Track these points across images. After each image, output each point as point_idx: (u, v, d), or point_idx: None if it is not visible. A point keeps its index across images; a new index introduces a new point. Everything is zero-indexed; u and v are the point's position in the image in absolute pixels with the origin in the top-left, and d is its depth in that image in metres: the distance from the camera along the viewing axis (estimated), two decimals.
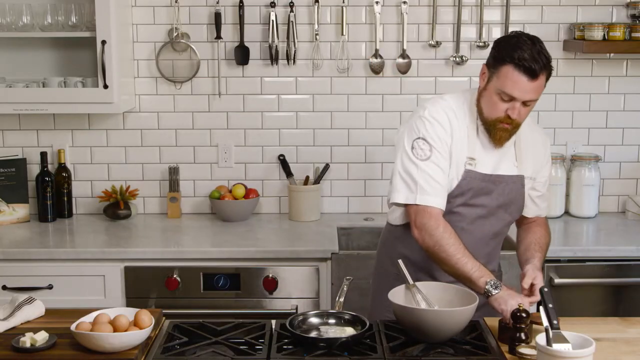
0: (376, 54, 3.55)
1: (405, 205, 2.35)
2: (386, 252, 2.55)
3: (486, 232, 2.41)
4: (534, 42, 2.21)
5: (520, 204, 2.44)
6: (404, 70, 3.56)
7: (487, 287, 2.18)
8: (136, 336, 2.00)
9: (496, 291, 2.17)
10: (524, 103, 2.23)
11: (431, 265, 2.39)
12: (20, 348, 2.00)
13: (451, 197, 2.34)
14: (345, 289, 2.30)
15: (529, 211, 2.51)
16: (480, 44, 3.55)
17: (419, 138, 2.31)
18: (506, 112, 2.24)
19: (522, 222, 2.55)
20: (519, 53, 2.18)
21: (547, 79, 2.25)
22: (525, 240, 2.49)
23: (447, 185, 2.32)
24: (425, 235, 2.28)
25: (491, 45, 2.33)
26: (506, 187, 2.37)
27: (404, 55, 3.55)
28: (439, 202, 2.29)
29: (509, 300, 2.14)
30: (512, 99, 2.21)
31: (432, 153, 2.29)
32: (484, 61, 3.56)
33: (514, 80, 2.19)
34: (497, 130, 2.28)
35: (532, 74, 2.18)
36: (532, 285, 2.25)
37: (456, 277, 2.27)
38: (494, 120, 2.27)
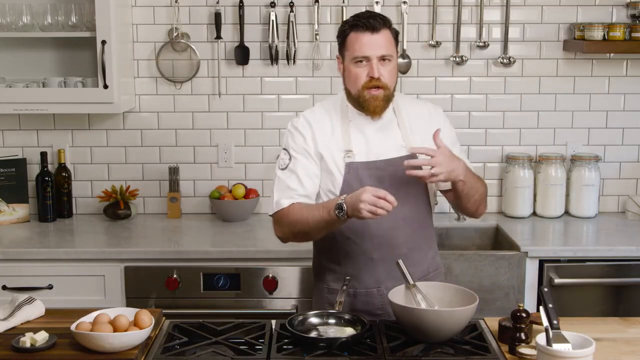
0: None
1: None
2: (314, 268, 2.57)
3: (394, 219, 2.31)
4: (368, 12, 2.38)
5: (421, 183, 2.38)
6: (404, 70, 3.56)
7: (338, 217, 2.18)
8: (136, 336, 2.00)
9: (344, 209, 2.16)
10: (382, 61, 2.29)
11: (358, 271, 2.38)
12: (20, 348, 2.00)
13: (344, 193, 2.31)
14: (345, 288, 2.31)
15: (448, 186, 2.43)
16: (480, 44, 3.55)
17: (282, 149, 2.44)
18: (367, 75, 2.30)
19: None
20: (354, 20, 2.33)
21: (396, 38, 2.36)
22: None
23: (309, 187, 2.36)
24: (281, 227, 2.36)
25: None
26: (397, 169, 2.34)
27: (404, 55, 3.55)
28: (291, 202, 2.35)
29: (357, 205, 2.12)
30: (365, 58, 2.29)
31: (290, 161, 2.39)
32: (482, 61, 3.57)
33: (359, 40, 2.29)
34: (368, 100, 2.32)
35: (372, 28, 2.29)
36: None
37: (325, 231, 2.30)
38: (361, 89, 2.31)
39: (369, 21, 2.28)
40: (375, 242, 2.36)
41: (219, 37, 3.53)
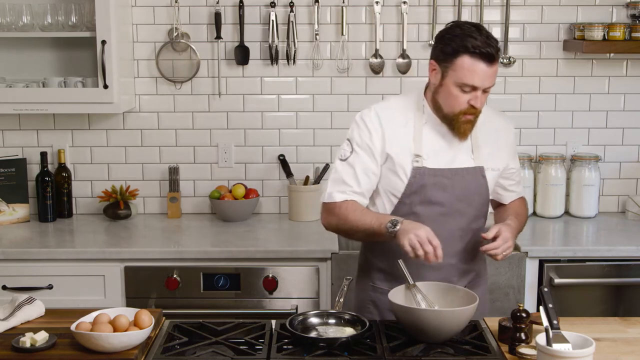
0: (376, 54, 3.55)
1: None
2: (361, 262, 2.55)
3: (450, 229, 2.33)
4: (479, 29, 2.22)
5: (484, 196, 2.40)
6: (404, 70, 3.56)
7: (387, 230, 2.18)
8: (136, 336, 2.00)
9: (397, 227, 2.16)
10: (484, 90, 2.24)
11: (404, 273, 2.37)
12: (20, 348, 2.00)
13: (406, 196, 2.32)
14: (345, 289, 2.31)
15: (506, 199, 2.52)
16: None
17: (346, 139, 2.38)
18: (469, 102, 2.23)
19: (499, 205, 2.57)
20: (471, 42, 2.18)
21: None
22: (500, 212, 2.53)
23: (365, 185, 2.34)
24: (329, 217, 2.36)
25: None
26: (462, 180, 2.34)
27: (404, 55, 3.55)
28: (345, 198, 2.33)
29: (409, 233, 2.13)
30: (473, 88, 2.21)
31: (350, 155, 2.34)
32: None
33: (473, 69, 2.18)
34: (461, 124, 2.27)
35: (490, 59, 2.19)
36: (495, 237, 2.24)
37: (368, 238, 2.33)
38: (457, 113, 2.26)
39: (488, 51, 2.16)
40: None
41: (219, 37, 3.53)
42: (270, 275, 3.06)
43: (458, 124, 2.27)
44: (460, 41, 2.19)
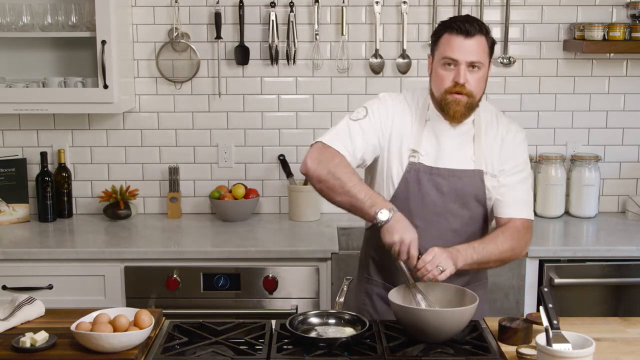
0: (376, 54, 3.55)
1: (311, 146, 2.33)
2: (361, 254, 2.57)
3: (443, 229, 2.34)
4: (468, 15, 2.37)
5: (481, 200, 2.38)
6: (404, 70, 3.56)
7: (376, 216, 2.16)
8: (136, 336, 2.00)
9: (386, 220, 2.15)
10: (470, 67, 2.25)
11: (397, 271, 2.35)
12: (20, 348, 2.00)
13: (401, 190, 2.33)
14: (345, 289, 2.31)
15: (499, 211, 2.41)
16: None
17: (363, 106, 2.40)
18: (452, 80, 2.26)
19: (497, 222, 2.44)
20: (450, 21, 2.30)
21: (491, 46, 2.31)
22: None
23: (363, 152, 2.33)
24: (320, 163, 2.26)
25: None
26: (459, 181, 2.34)
27: (404, 55, 3.55)
28: (345, 152, 2.29)
29: (394, 234, 2.13)
30: (454, 62, 2.25)
31: (364, 119, 2.34)
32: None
33: (451, 42, 2.25)
34: (450, 104, 2.28)
35: (466, 33, 2.24)
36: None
37: (349, 206, 2.25)
38: (444, 92, 2.28)
39: (464, 25, 2.24)
40: (421, 248, 2.27)
41: (219, 37, 3.53)
42: (270, 275, 3.06)
43: (447, 105, 2.28)
44: (442, 24, 2.32)
